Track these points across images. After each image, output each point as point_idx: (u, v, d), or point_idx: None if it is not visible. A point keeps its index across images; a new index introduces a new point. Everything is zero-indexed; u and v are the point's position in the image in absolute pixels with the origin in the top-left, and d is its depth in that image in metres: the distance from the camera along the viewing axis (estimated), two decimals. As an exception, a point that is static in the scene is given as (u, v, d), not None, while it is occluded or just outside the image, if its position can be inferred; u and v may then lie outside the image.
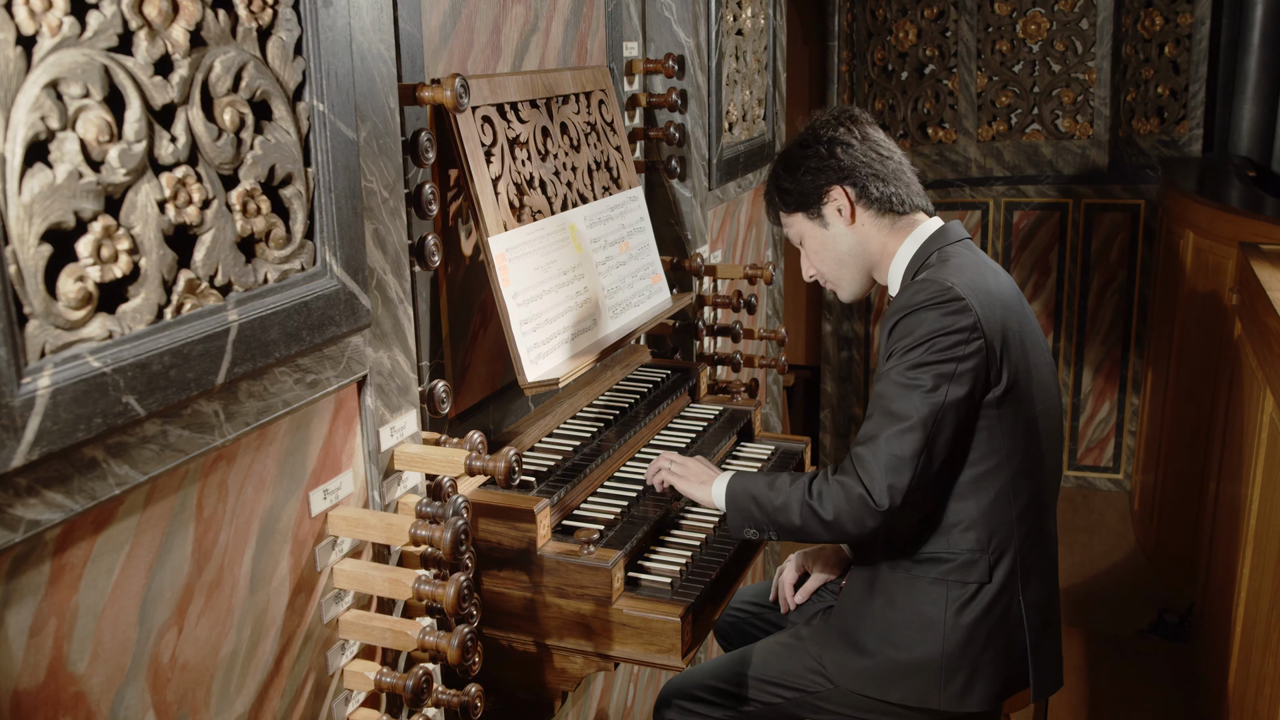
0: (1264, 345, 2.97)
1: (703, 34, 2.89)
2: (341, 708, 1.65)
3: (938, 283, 1.92)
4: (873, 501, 1.87)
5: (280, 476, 1.50)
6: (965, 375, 1.88)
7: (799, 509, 1.93)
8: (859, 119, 2.14)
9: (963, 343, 1.88)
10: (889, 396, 1.90)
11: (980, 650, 1.98)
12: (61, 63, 1.09)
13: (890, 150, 2.12)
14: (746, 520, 2.00)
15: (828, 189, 2.08)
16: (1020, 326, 1.98)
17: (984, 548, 1.97)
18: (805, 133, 2.14)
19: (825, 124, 2.13)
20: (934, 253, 2.04)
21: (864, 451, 1.90)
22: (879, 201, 2.07)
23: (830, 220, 2.10)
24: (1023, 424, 1.97)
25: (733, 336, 2.83)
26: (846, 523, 1.89)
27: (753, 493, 2.00)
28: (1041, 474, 2.02)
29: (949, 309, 1.89)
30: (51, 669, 1.17)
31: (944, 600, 1.98)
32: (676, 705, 2.19)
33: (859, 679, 2.03)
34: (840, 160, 2.07)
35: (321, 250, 1.49)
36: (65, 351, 1.12)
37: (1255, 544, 2.89)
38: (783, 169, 2.15)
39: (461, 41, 1.98)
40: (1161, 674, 3.89)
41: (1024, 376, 1.96)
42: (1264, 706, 2.57)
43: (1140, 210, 5.14)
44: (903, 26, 5.18)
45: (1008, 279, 2.04)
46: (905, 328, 1.91)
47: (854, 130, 2.10)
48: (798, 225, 2.16)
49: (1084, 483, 5.43)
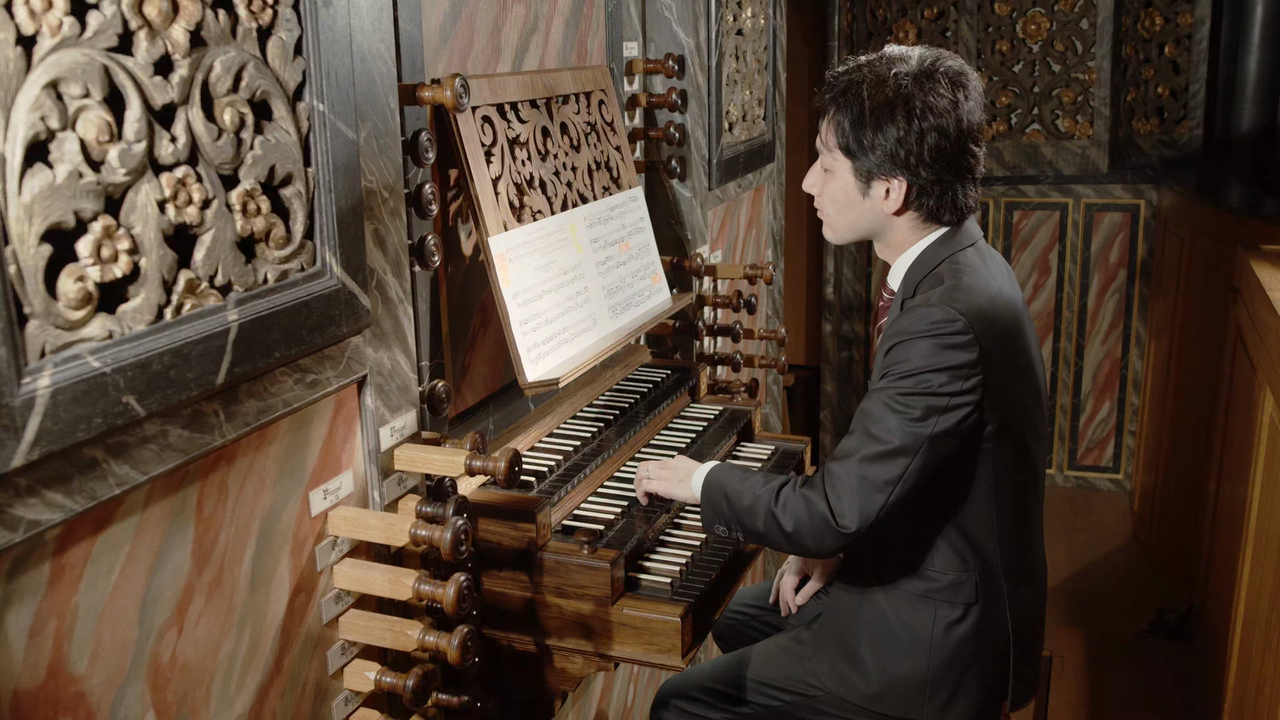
0: (1264, 345, 2.97)
1: (703, 34, 2.89)
2: (341, 708, 1.65)
3: (944, 310, 1.79)
4: (835, 523, 1.79)
5: (280, 476, 1.49)
6: (957, 409, 1.79)
7: (763, 514, 1.86)
8: (971, 88, 1.87)
9: (960, 378, 1.78)
10: (874, 416, 1.81)
11: (966, 667, 1.96)
12: (61, 63, 1.09)
13: (979, 153, 1.91)
14: (717, 515, 1.93)
15: (892, 175, 1.88)
16: (1022, 351, 1.89)
17: (971, 568, 1.93)
18: (916, 89, 1.83)
19: (940, 93, 1.83)
20: (945, 260, 1.91)
21: (837, 469, 1.82)
22: (932, 211, 1.91)
23: (874, 194, 1.91)
24: (1015, 449, 1.91)
25: (733, 336, 2.83)
26: (806, 538, 1.83)
27: (725, 488, 1.92)
28: (1031, 494, 1.98)
29: (951, 342, 1.78)
30: (51, 669, 1.17)
31: (932, 619, 1.95)
32: (674, 706, 2.19)
33: (849, 687, 2.02)
34: (924, 154, 1.84)
35: (321, 250, 1.49)
36: (65, 351, 1.12)
37: (1255, 544, 2.89)
38: (870, 114, 1.85)
39: (461, 41, 1.98)
40: (1161, 674, 3.89)
41: (1021, 407, 1.90)
42: (1264, 706, 2.57)
43: (1140, 210, 5.14)
44: (903, 26, 5.18)
45: (1014, 289, 1.95)
46: (903, 353, 1.81)
47: (966, 117, 1.85)
48: (838, 165, 1.94)
49: (1084, 483, 5.43)
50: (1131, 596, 4.42)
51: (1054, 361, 5.35)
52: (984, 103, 1.95)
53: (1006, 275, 1.98)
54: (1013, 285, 1.98)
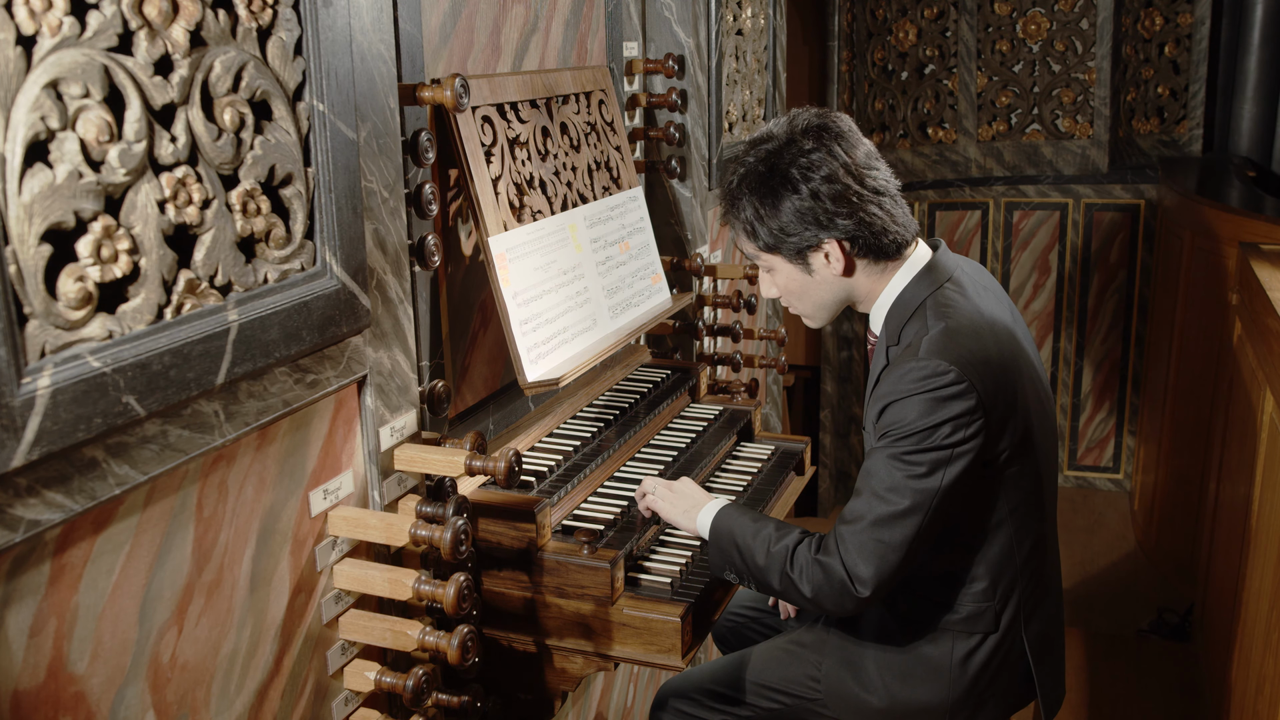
0: (1264, 345, 2.97)
1: (703, 34, 2.89)
2: (341, 708, 1.65)
3: (933, 364, 1.75)
4: (854, 588, 1.77)
5: (280, 476, 1.50)
6: (963, 456, 1.76)
7: (779, 577, 1.84)
8: (845, 136, 1.87)
9: (961, 427, 1.74)
10: (880, 477, 1.77)
11: (986, 688, 1.95)
12: (61, 63, 1.09)
13: (884, 178, 1.88)
14: (727, 563, 1.91)
15: (820, 243, 1.86)
16: (1020, 379, 1.84)
17: (990, 598, 1.91)
18: (783, 156, 1.85)
19: (808, 152, 1.83)
20: (925, 300, 1.86)
21: (849, 534, 1.78)
22: (875, 251, 1.87)
23: (816, 267, 1.89)
24: (1028, 474, 1.89)
25: (733, 336, 2.83)
26: (825, 602, 1.81)
27: (736, 539, 1.89)
28: (1045, 513, 1.95)
29: (946, 394, 1.73)
30: (51, 669, 1.17)
31: (950, 649, 1.93)
32: (673, 707, 2.19)
33: (854, 703, 2.00)
34: (835, 209, 1.83)
35: (321, 250, 1.49)
36: (65, 351, 1.12)
37: (1255, 544, 2.89)
38: (759, 200, 1.87)
39: (461, 41, 1.98)
40: (1161, 674, 3.89)
41: (1027, 431, 1.86)
42: (1264, 706, 2.57)
43: (1140, 210, 5.14)
44: (903, 26, 5.18)
45: (1002, 311, 1.91)
46: (897, 414, 1.77)
47: (844, 156, 1.84)
48: (773, 262, 1.93)
49: (1084, 483, 5.43)
50: (1131, 596, 4.42)
51: (1054, 361, 5.35)
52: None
53: (993, 296, 1.94)
54: (1000, 304, 1.94)
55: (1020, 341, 1.91)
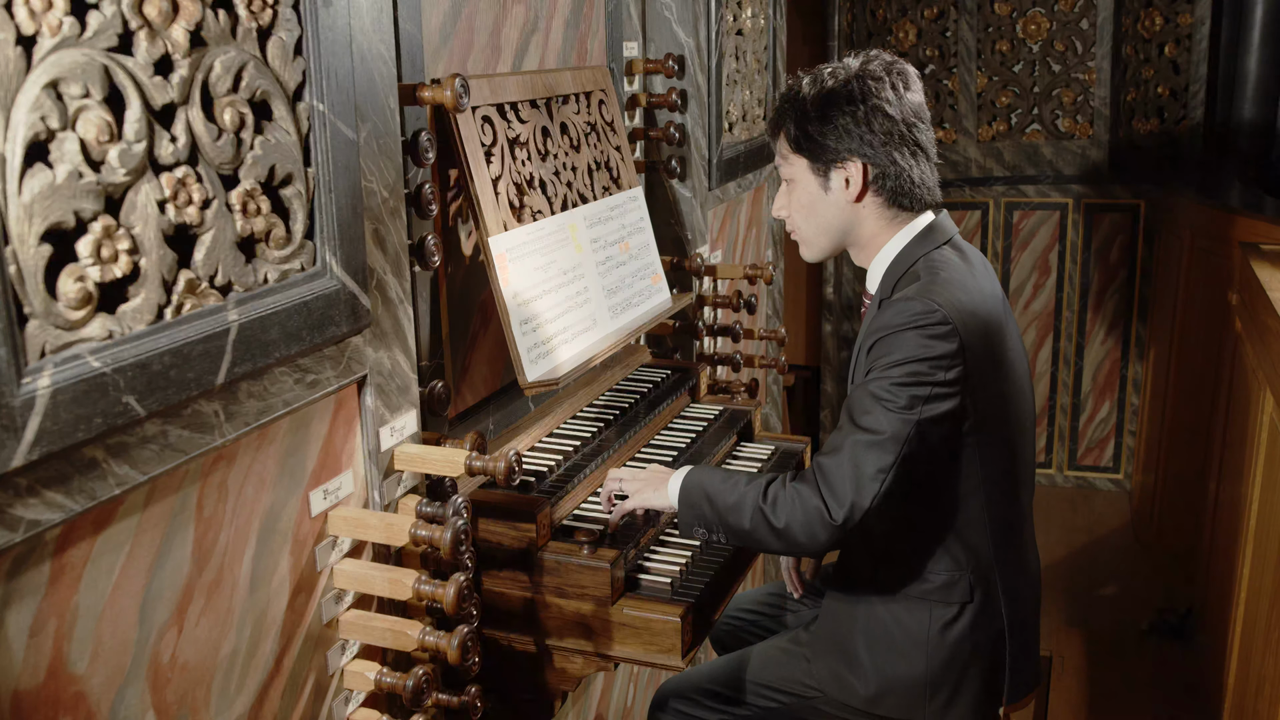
0: (1264, 345, 2.97)
1: (703, 34, 2.89)
2: (341, 708, 1.65)
3: (923, 302, 1.81)
4: (829, 515, 1.78)
5: (280, 476, 1.50)
6: (941, 399, 1.80)
7: (750, 511, 1.83)
8: (910, 78, 1.95)
9: (943, 369, 1.80)
10: (862, 408, 1.81)
11: (964, 666, 1.97)
12: (61, 63, 1.09)
13: (926, 138, 1.96)
14: (697, 518, 1.90)
15: (848, 158, 1.93)
16: (1002, 345, 1.90)
17: (964, 567, 1.94)
18: (853, 77, 1.92)
19: (878, 78, 1.91)
20: (920, 259, 1.93)
21: (827, 462, 1.81)
22: (892, 193, 1.94)
23: (834, 186, 1.96)
24: (1000, 446, 1.92)
25: (733, 336, 2.83)
26: (798, 533, 1.81)
27: (706, 489, 1.89)
28: (1018, 491, 1.99)
29: (932, 332, 1.79)
30: (51, 669, 1.17)
31: (928, 619, 1.95)
32: (672, 708, 2.19)
33: (847, 690, 2.02)
34: (874, 134, 1.90)
35: (321, 250, 1.49)
36: (65, 351, 1.12)
37: (1255, 544, 2.89)
38: (814, 108, 1.93)
39: (461, 41, 1.98)
40: (1161, 674, 3.89)
41: (1002, 401, 1.91)
42: (1264, 706, 2.57)
43: (1140, 210, 5.14)
44: (903, 26, 5.18)
45: (993, 285, 1.97)
46: (885, 347, 1.82)
47: (902, 95, 1.92)
48: (796, 169, 1.99)
49: (1084, 483, 5.43)
50: (1131, 596, 4.42)
51: (1054, 361, 5.35)
52: (925, 91, 2.02)
53: (985, 271, 2.00)
54: (992, 281, 1.99)
55: (1005, 318, 1.95)
